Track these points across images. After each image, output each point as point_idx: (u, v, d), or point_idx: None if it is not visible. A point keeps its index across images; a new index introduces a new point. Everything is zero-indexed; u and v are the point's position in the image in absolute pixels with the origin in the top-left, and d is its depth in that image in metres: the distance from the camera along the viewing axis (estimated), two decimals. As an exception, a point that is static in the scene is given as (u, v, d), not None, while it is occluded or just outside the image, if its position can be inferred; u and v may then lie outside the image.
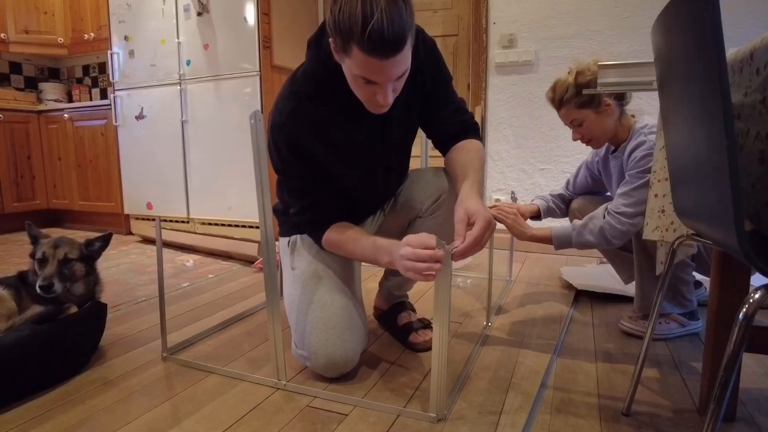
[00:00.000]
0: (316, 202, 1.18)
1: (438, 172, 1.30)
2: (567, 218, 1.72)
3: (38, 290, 1.25)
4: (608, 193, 1.66)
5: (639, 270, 1.44)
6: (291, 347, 1.25)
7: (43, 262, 1.30)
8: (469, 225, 1.00)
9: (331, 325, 1.16)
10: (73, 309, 1.28)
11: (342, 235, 1.16)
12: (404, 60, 0.94)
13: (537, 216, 1.75)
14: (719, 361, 1.00)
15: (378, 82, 0.96)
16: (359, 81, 0.97)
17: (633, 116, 1.47)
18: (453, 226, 1.21)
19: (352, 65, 0.95)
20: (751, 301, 0.61)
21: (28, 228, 1.37)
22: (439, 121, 1.22)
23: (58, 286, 1.27)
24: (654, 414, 1.03)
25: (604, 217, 1.38)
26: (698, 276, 1.59)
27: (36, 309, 1.24)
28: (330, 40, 0.96)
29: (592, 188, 1.71)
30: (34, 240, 1.36)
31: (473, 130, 1.23)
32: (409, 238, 1.01)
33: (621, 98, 1.46)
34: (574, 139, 1.50)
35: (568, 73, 1.43)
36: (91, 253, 1.40)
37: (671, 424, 1.00)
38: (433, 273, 0.96)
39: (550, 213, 1.77)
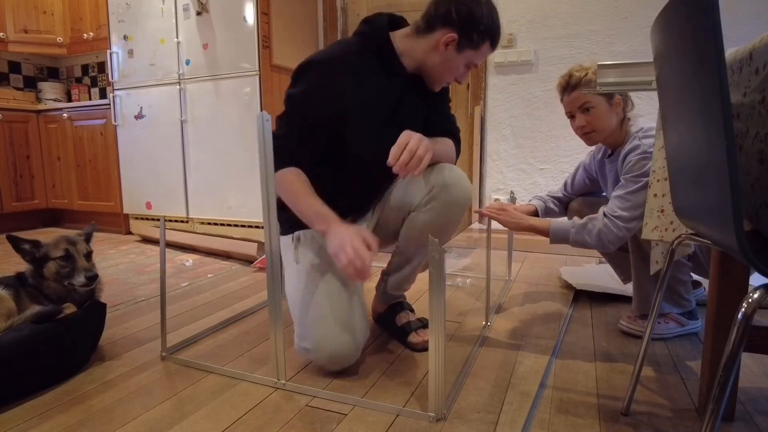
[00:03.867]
0: (298, 153, 1.19)
1: (430, 168, 1.29)
2: (565, 218, 1.72)
3: (84, 281, 1.30)
4: (604, 193, 1.67)
5: (635, 270, 1.44)
6: (294, 343, 1.25)
7: (68, 258, 1.31)
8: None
9: (334, 317, 1.17)
10: (72, 309, 1.28)
11: (296, 183, 1.18)
12: None
13: (535, 216, 1.75)
14: (718, 361, 1.00)
15: (476, 67, 1.30)
16: (461, 65, 1.24)
17: (629, 119, 1.48)
18: (447, 219, 1.25)
19: (471, 54, 1.22)
20: (750, 300, 0.61)
21: (12, 240, 1.33)
22: (431, 122, 1.34)
23: (97, 275, 1.32)
24: (653, 414, 1.04)
25: (602, 220, 1.38)
26: (696, 276, 1.59)
27: (35, 309, 1.24)
28: (444, 33, 1.19)
29: (589, 189, 1.71)
30: (35, 244, 1.33)
31: (456, 136, 1.40)
32: (364, 231, 1.10)
33: (626, 103, 1.46)
34: (576, 126, 1.47)
35: (583, 67, 1.44)
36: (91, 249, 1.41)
37: (670, 423, 1.00)
38: (353, 267, 1.04)
39: (547, 213, 1.78)
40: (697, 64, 0.64)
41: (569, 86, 1.44)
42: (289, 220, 1.29)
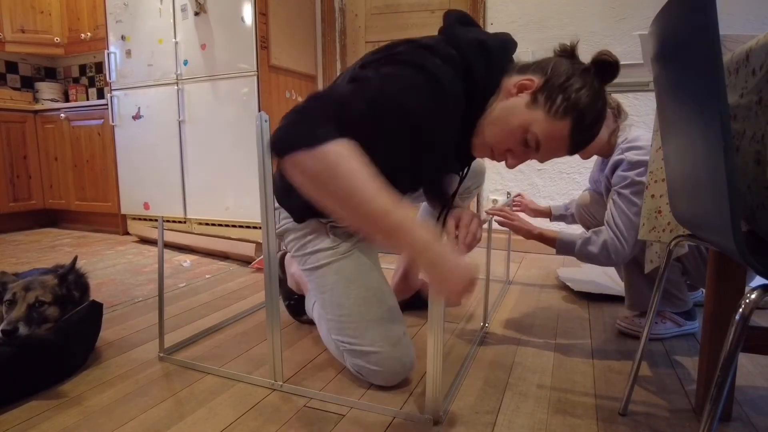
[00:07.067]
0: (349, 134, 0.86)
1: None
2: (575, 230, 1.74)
3: (0, 334, 1.15)
4: None
5: (626, 269, 1.45)
6: (336, 352, 1.22)
7: (11, 304, 1.22)
8: (457, 228, 1.10)
9: (392, 318, 1.12)
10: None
11: (357, 160, 0.83)
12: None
13: (547, 216, 1.82)
14: (715, 361, 1.00)
15: (537, 151, 0.96)
16: (520, 134, 0.95)
17: (618, 130, 1.49)
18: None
19: (541, 119, 0.93)
20: (747, 301, 0.61)
21: (1, 276, 1.30)
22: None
23: (23, 330, 1.17)
24: (650, 414, 1.04)
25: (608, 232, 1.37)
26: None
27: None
28: (528, 77, 0.95)
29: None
30: (3, 286, 1.28)
31: None
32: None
33: (618, 114, 1.47)
34: None
35: None
36: (67, 289, 1.34)
37: (667, 423, 1.00)
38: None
39: (561, 218, 1.80)
40: (694, 65, 0.65)
41: None
42: (300, 208, 1.15)
